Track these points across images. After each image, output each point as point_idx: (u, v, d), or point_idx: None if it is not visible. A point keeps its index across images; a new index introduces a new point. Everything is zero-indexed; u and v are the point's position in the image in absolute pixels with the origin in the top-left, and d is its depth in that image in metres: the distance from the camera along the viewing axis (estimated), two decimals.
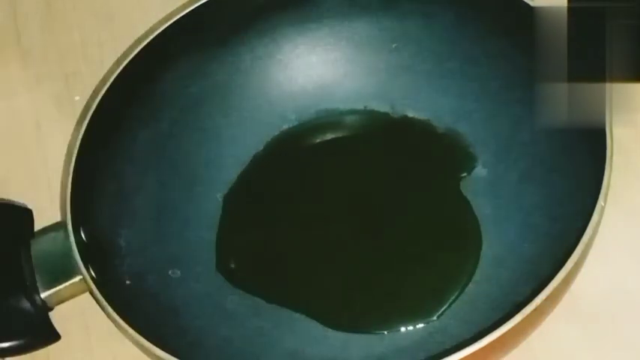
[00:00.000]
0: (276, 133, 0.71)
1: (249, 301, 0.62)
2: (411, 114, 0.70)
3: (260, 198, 0.68)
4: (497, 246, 0.61)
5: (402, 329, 0.59)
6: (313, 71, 0.72)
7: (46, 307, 0.59)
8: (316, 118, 0.71)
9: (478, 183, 0.65)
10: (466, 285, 0.60)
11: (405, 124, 0.70)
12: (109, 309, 0.54)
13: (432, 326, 0.59)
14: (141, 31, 0.80)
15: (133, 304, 0.57)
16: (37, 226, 0.63)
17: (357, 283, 0.62)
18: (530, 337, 0.56)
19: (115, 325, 0.54)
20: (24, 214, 0.64)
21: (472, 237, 0.62)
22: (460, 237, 0.63)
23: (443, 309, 0.60)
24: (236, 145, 0.70)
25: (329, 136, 0.71)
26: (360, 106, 0.71)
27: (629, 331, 0.58)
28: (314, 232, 0.65)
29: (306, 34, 0.71)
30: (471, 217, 0.63)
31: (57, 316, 0.60)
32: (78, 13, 0.82)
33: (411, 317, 0.60)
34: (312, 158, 0.69)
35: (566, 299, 0.58)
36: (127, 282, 0.60)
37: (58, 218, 0.65)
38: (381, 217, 0.65)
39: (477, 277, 0.61)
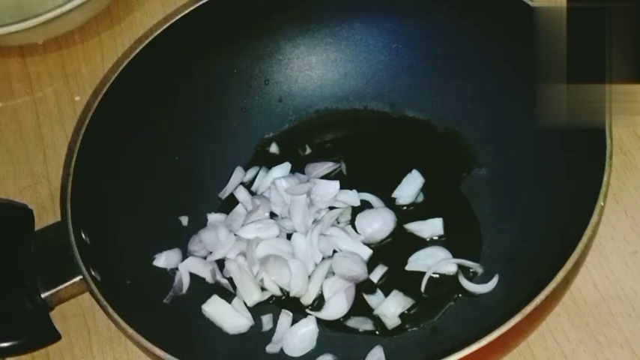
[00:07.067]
0: (277, 132, 0.71)
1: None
2: (411, 114, 0.70)
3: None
4: (497, 246, 0.62)
5: (403, 329, 0.59)
6: (313, 71, 0.72)
7: (46, 307, 0.59)
8: (316, 118, 0.72)
9: (478, 183, 0.65)
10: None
11: (405, 124, 0.70)
12: (109, 309, 0.54)
13: (431, 326, 0.59)
14: (141, 31, 0.80)
15: (133, 304, 0.57)
16: (37, 226, 0.64)
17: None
18: (530, 337, 0.56)
19: (115, 325, 0.54)
20: (24, 214, 0.64)
21: (472, 237, 0.63)
22: (460, 237, 0.63)
23: (443, 309, 0.60)
24: (236, 145, 0.70)
25: (329, 136, 0.71)
26: (360, 106, 0.71)
27: (628, 331, 0.58)
28: None
29: (306, 35, 0.71)
30: (471, 217, 0.63)
31: (57, 316, 0.60)
32: None
33: (412, 317, 0.60)
34: (312, 158, 0.69)
35: (566, 299, 0.58)
36: (127, 282, 0.60)
37: (58, 218, 0.65)
38: None
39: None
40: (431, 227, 0.63)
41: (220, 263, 0.64)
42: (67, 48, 0.82)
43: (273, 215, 0.66)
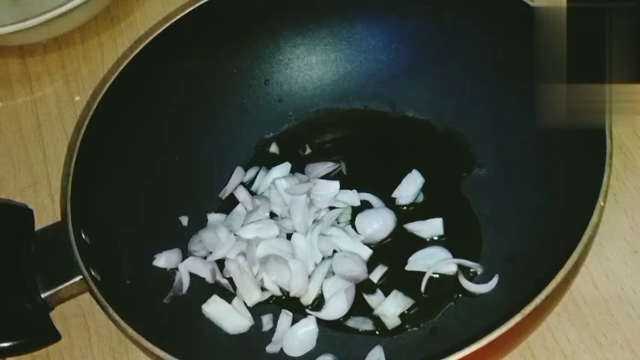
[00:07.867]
0: (277, 132, 0.71)
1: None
2: (411, 114, 0.70)
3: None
4: (497, 246, 0.62)
5: (403, 329, 0.59)
6: (313, 71, 0.72)
7: (46, 307, 0.59)
8: (316, 118, 0.72)
9: (478, 183, 0.65)
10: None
11: (405, 124, 0.70)
12: (109, 309, 0.54)
13: (431, 326, 0.59)
14: (141, 31, 0.80)
15: (133, 304, 0.57)
16: (37, 226, 0.64)
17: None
18: (530, 337, 0.56)
19: (115, 325, 0.54)
20: (24, 214, 0.64)
21: (472, 237, 0.63)
22: (460, 237, 0.63)
23: (443, 309, 0.60)
24: (236, 145, 0.70)
25: (329, 136, 0.71)
26: (360, 106, 0.71)
27: (628, 331, 0.58)
28: None
29: (306, 35, 0.71)
30: (471, 217, 0.63)
31: (57, 316, 0.60)
32: None
33: (412, 317, 0.60)
34: (312, 158, 0.69)
35: (566, 299, 0.58)
36: (127, 282, 0.60)
37: (58, 218, 0.65)
38: None
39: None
40: (431, 227, 0.63)
41: (220, 263, 0.64)
42: (67, 48, 0.82)
43: (273, 215, 0.66)
